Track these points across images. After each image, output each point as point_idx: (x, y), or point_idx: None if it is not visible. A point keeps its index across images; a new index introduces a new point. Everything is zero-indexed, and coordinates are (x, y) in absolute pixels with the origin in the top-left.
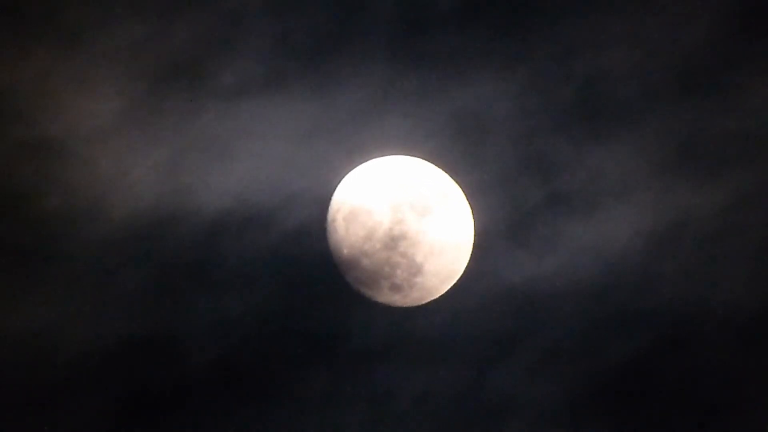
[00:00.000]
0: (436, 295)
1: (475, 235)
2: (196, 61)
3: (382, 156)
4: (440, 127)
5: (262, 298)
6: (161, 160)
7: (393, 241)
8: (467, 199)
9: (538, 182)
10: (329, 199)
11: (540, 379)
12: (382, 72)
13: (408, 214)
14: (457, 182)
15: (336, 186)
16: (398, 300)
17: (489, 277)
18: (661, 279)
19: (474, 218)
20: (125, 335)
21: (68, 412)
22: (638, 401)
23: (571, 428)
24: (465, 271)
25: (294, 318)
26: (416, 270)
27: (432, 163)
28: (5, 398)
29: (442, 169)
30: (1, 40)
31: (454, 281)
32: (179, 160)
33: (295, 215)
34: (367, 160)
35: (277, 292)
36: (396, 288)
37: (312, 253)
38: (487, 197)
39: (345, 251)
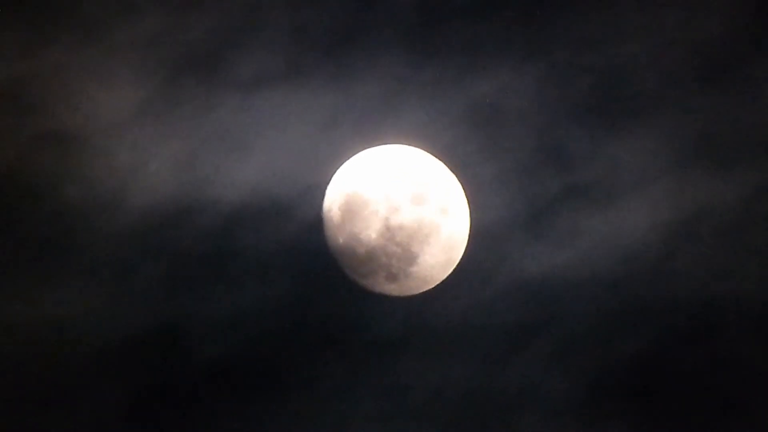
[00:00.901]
0: (432, 285)
1: (476, 226)
2: (214, 53)
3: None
4: (457, 118)
5: (279, 290)
6: (179, 152)
7: (389, 230)
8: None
9: (555, 174)
10: None
11: (556, 371)
12: (399, 63)
13: (403, 203)
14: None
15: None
16: (394, 289)
17: (506, 268)
18: (678, 271)
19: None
20: (142, 327)
21: (85, 403)
22: (655, 394)
23: (587, 421)
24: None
25: (311, 309)
26: (412, 259)
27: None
28: (22, 389)
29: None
30: (19, 32)
31: (450, 271)
32: (196, 152)
33: (313, 207)
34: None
35: (293, 283)
36: (392, 277)
37: (329, 245)
38: (503, 189)
39: (340, 240)
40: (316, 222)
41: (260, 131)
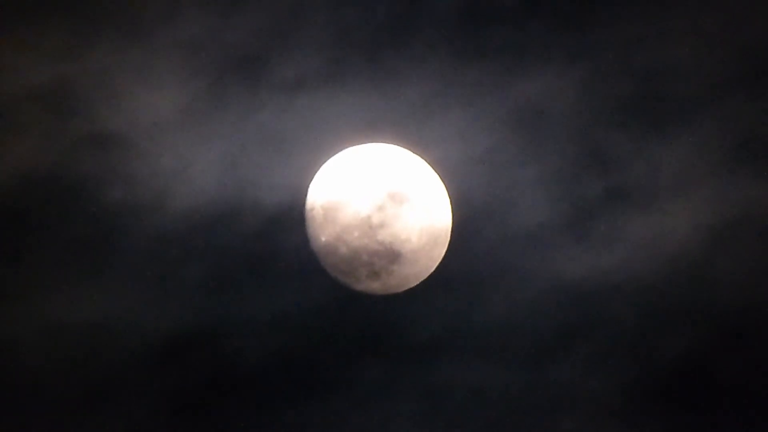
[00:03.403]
0: (414, 283)
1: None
2: (257, 54)
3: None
4: (500, 120)
5: (321, 292)
6: (221, 154)
7: (372, 229)
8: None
9: (596, 177)
10: None
11: (596, 375)
12: (442, 65)
13: (387, 202)
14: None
15: None
16: (376, 287)
17: (546, 271)
18: (721, 275)
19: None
20: (182, 329)
21: (125, 404)
22: (696, 399)
23: (626, 425)
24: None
25: (350, 311)
26: (394, 258)
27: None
28: (64, 390)
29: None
30: (63, 33)
31: (432, 270)
32: (239, 154)
33: None
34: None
35: (335, 286)
36: (374, 275)
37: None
38: (544, 191)
39: (323, 239)
40: None
41: (303, 133)
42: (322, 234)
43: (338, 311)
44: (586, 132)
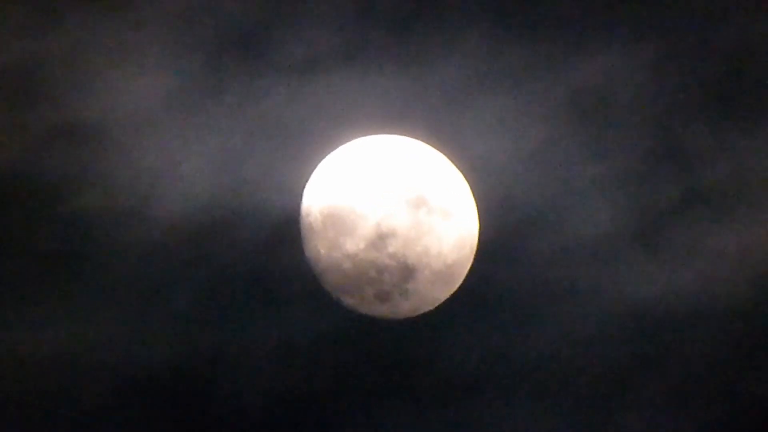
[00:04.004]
0: (431, 307)
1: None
2: (262, 30)
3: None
4: (553, 110)
5: (333, 318)
6: (218, 150)
7: (381, 239)
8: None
9: (672, 177)
10: None
11: (673, 417)
12: (482, 44)
13: (400, 206)
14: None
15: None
16: (385, 311)
17: (609, 292)
18: None
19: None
20: (173, 359)
21: None
22: None
23: None
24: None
25: (367, 340)
26: (408, 275)
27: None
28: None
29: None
30: (26, 6)
31: (454, 289)
32: (240, 150)
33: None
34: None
35: (352, 309)
36: (384, 296)
37: None
38: (608, 195)
39: (322, 252)
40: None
41: (316, 124)
42: (320, 245)
43: (353, 341)
44: (659, 124)
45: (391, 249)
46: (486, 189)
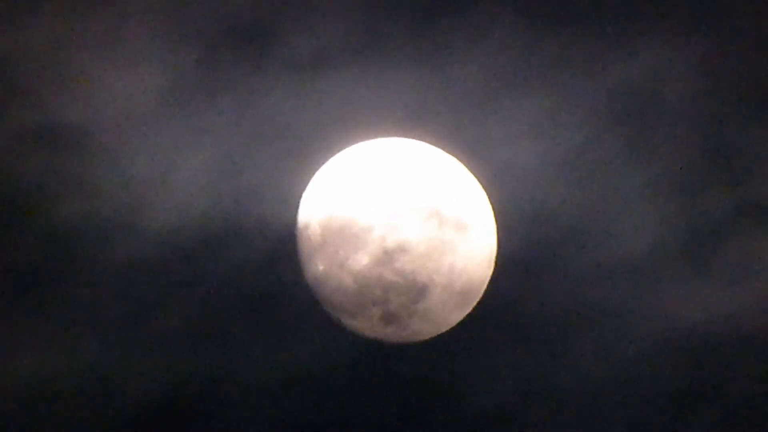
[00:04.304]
0: (444, 329)
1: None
2: (264, 22)
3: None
4: (591, 110)
5: (341, 341)
6: (215, 156)
7: (387, 254)
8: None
9: (723, 187)
10: None
11: None
12: (512, 38)
13: (408, 217)
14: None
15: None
16: (393, 334)
17: (654, 314)
18: None
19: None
20: (161, 391)
21: None
22: None
23: None
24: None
25: (381, 367)
26: (418, 294)
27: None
28: None
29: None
30: None
31: (468, 310)
32: (239, 155)
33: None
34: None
35: (355, 332)
36: (390, 317)
37: None
38: (653, 207)
39: (320, 268)
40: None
41: (321, 127)
42: (319, 262)
43: (366, 367)
44: (710, 127)
45: (398, 265)
46: (510, 199)
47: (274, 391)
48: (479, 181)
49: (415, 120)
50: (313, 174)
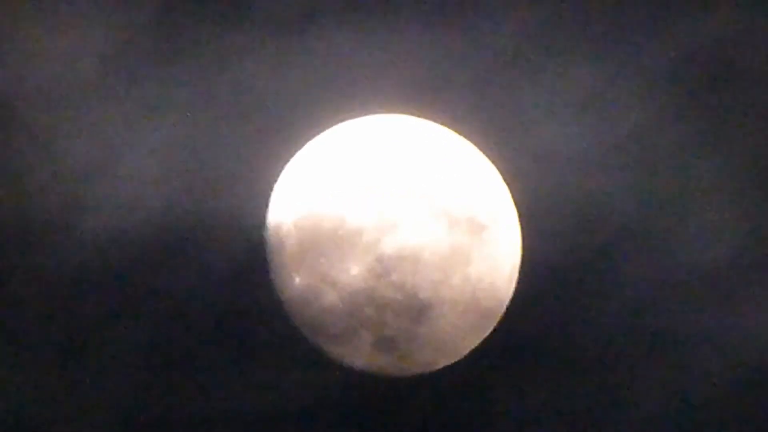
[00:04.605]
0: (454, 359)
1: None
2: None
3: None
4: (648, 84)
5: (324, 372)
6: (172, 138)
7: (381, 263)
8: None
9: None
10: None
11: None
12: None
13: (407, 217)
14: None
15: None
16: (389, 364)
17: (732, 337)
18: None
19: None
20: (120, 423)
21: None
22: None
23: None
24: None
25: (372, 407)
26: (419, 313)
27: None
28: None
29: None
30: None
31: (485, 335)
32: (202, 137)
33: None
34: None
35: (341, 362)
36: (386, 343)
37: None
38: (725, 205)
39: (296, 281)
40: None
41: (311, 99)
42: (294, 272)
43: (359, 404)
44: None
45: (395, 277)
46: (540, 194)
47: (279, 417)
48: (500, 171)
49: (422, 93)
50: (286, 160)
